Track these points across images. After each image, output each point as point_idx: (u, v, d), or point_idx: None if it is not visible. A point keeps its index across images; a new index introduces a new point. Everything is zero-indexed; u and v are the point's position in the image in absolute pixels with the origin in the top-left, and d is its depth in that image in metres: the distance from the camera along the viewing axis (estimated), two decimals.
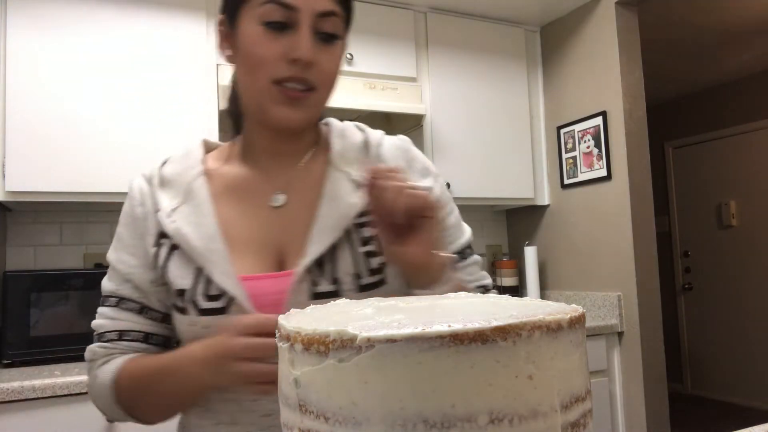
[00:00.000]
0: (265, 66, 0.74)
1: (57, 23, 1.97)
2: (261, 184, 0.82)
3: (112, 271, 0.83)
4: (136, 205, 0.82)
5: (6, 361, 1.85)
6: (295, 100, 0.75)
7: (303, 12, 0.73)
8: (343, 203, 0.78)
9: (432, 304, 0.44)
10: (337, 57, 0.78)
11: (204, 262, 0.75)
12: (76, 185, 1.96)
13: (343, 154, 0.83)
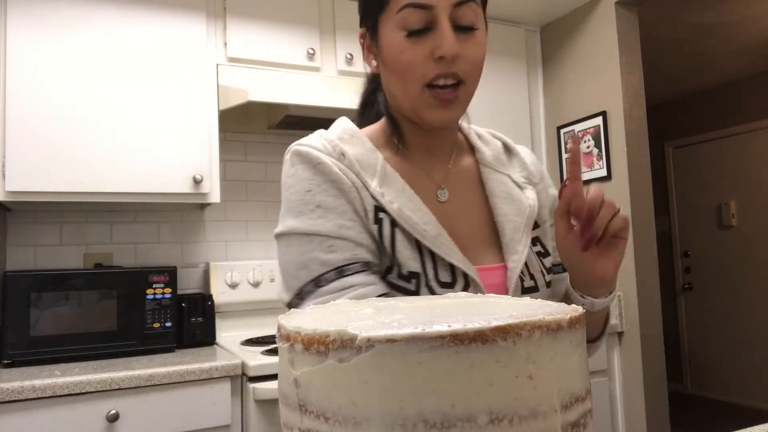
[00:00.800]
0: (414, 71, 0.73)
1: (57, 23, 1.97)
2: (423, 178, 0.82)
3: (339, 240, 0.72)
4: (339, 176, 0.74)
5: (6, 361, 1.85)
6: (448, 101, 0.74)
7: (439, 7, 0.72)
8: (522, 204, 0.82)
9: (432, 304, 0.44)
10: (481, 45, 0.75)
11: (436, 247, 0.73)
12: (76, 185, 1.96)
13: (496, 156, 0.87)
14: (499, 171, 0.85)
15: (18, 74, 1.91)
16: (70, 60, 1.98)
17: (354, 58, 2.41)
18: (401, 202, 0.75)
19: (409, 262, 0.73)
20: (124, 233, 2.37)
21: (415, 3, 0.71)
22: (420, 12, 0.72)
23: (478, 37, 0.75)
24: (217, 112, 2.18)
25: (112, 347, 1.95)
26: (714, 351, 4.84)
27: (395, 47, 0.74)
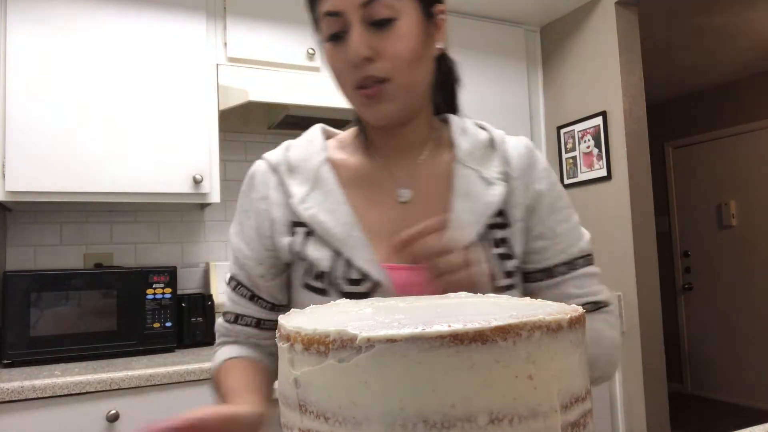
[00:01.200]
0: (341, 77, 0.76)
1: (57, 23, 1.97)
2: (384, 178, 0.82)
3: (233, 253, 0.84)
4: (259, 198, 0.82)
5: (6, 361, 1.85)
6: (371, 99, 0.74)
7: (348, 12, 0.72)
8: (480, 201, 0.77)
9: (432, 304, 0.44)
10: (403, 36, 0.73)
11: (344, 247, 0.75)
12: (76, 185, 1.96)
13: (471, 151, 0.82)
14: (468, 166, 0.80)
15: (18, 74, 1.91)
16: (70, 60, 1.98)
17: None
18: (320, 206, 0.78)
19: (320, 262, 0.77)
20: (124, 233, 2.37)
21: (327, 12, 0.73)
22: (333, 19, 0.73)
23: (400, 28, 0.72)
24: (217, 112, 2.18)
25: (112, 347, 1.95)
26: (714, 351, 4.84)
27: (326, 54, 0.77)
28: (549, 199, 0.81)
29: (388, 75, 0.73)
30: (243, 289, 0.83)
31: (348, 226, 0.76)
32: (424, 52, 0.76)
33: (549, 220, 0.81)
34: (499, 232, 0.78)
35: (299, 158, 0.82)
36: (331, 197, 0.78)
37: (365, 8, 0.71)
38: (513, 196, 0.80)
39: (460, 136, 0.84)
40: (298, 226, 0.79)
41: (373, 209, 0.80)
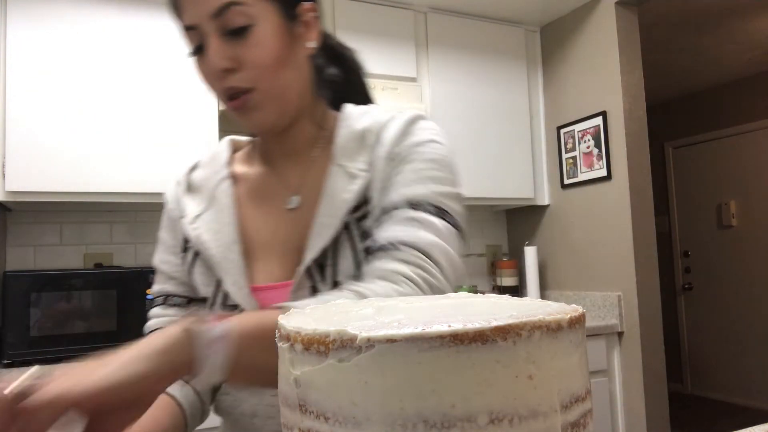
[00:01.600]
0: (211, 87, 0.74)
1: (57, 23, 1.97)
2: (278, 186, 0.81)
3: (158, 273, 0.84)
4: (172, 209, 0.84)
5: (6, 361, 1.85)
6: (240, 108, 0.73)
7: (202, 24, 0.70)
8: (338, 199, 0.73)
9: (432, 304, 0.44)
10: (260, 43, 0.70)
11: (220, 272, 0.75)
12: (76, 185, 1.96)
13: (343, 145, 0.78)
14: (338, 163, 0.76)
15: (18, 73, 1.92)
16: (70, 60, 1.98)
17: None
18: (207, 226, 0.77)
19: (201, 287, 0.77)
20: (124, 233, 2.37)
21: (185, 26, 0.72)
22: (191, 32, 0.72)
23: (257, 35, 0.70)
24: (217, 112, 2.18)
25: (112, 347, 1.94)
26: (714, 351, 4.84)
27: (195, 66, 0.75)
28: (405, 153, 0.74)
29: (251, 84, 0.71)
30: (175, 298, 0.81)
31: (226, 248, 0.75)
32: (289, 55, 0.73)
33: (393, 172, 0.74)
34: (365, 222, 0.73)
35: (202, 177, 0.83)
36: (221, 216, 0.78)
37: (218, 18, 0.69)
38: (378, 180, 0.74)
39: (341, 130, 0.79)
40: (189, 242, 0.79)
41: (263, 221, 0.78)
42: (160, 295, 0.82)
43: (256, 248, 0.77)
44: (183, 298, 0.81)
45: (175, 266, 0.82)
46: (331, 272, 0.72)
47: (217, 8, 0.68)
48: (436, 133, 0.78)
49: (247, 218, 0.79)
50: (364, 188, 0.74)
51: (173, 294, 0.81)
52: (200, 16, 0.69)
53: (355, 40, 2.42)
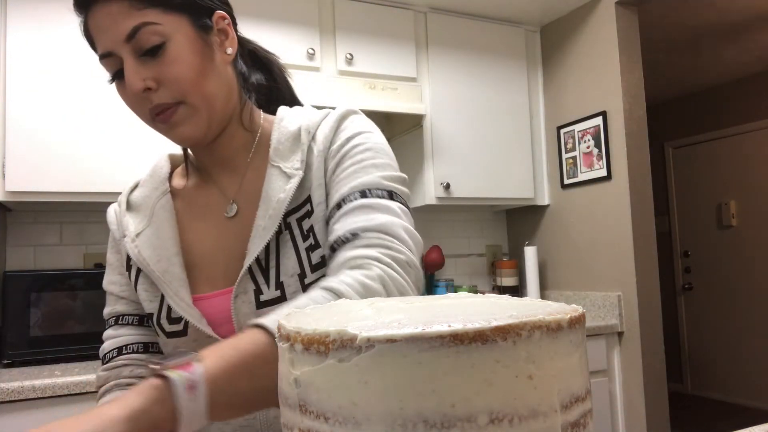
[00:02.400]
0: (136, 111, 0.74)
1: (57, 23, 1.97)
2: (216, 196, 0.81)
3: (108, 296, 0.84)
4: (115, 230, 0.84)
5: (6, 361, 1.85)
6: (168, 122, 0.73)
7: (116, 49, 0.71)
8: (274, 200, 0.74)
9: (432, 304, 0.44)
10: (176, 59, 0.70)
11: (162, 286, 0.75)
12: (76, 185, 1.96)
13: (277, 147, 0.78)
14: (274, 164, 0.76)
15: (18, 73, 1.92)
16: (70, 60, 1.98)
17: (354, 58, 2.41)
18: (148, 242, 0.78)
19: (146, 303, 0.78)
20: None
21: (100, 54, 0.73)
22: (108, 59, 0.73)
23: (172, 52, 0.70)
24: None
25: None
26: (714, 351, 4.84)
27: (117, 92, 0.75)
28: (339, 154, 0.75)
29: (176, 99, 0.71)
30: (126, 317, 0.82)
31: (167, 262, 0.76)
32: (208, 65, 0.73)
33: (335, 175, 0.75)
34: (306, 222, 0.74)
35: (141, 196, 0.84)
36: (161, 232, 0.78)
37: (132, 41, 0.69)
38: (314, 179, 0.75)
39: (275, 132, 0.79)
40: (132, 261, 0.80)
41: (204, 232, 0.79)
42: (112, 316, 0.83)
43: (199, 260, 0.78)
44: (134, 316, 0.82)
45: (122, 286, 0.82)
46: (274, 273, 0.72)
47: (130, 31, 0.69)
48: (365, 125, 0.79)
49: (189, 231, 0.80)
50: (300, 187, 0.75)
51: (124, 314, 0.82)
52: (113, 41, 0.70)
53: (355, 40, 2.43)
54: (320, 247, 0.73)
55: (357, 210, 0.70)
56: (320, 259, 0.73)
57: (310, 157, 0.76)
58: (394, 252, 0.68)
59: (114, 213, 0.85)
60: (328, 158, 0.76)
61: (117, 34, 0.69)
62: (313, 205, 0.75)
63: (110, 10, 0.69)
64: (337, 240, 0.70)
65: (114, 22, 0.69)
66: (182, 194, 0.83)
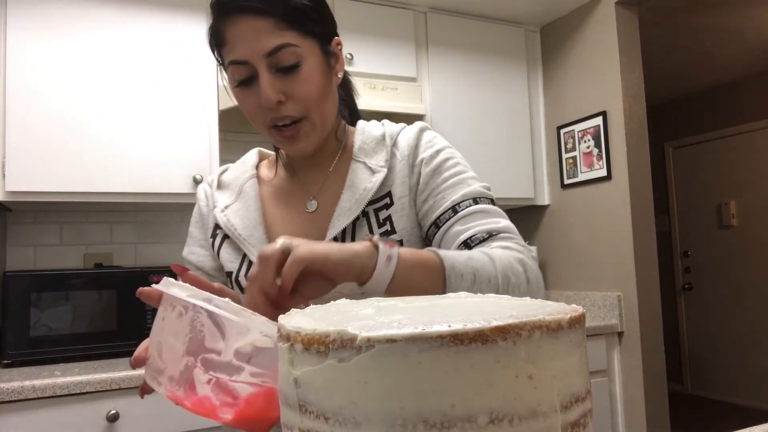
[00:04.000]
0: (254, 118, 0.83)
1: (57, 23, 1.97)
2: (299, 192, 0.91)
3: (187, 264, 0.95)
4: (203, 205, 0.96)
5: (6, 361, 1.85)
6: (291, 137, 0.82)
7: (254, 60, 0.77)
8: (359, 188, 0.85)
9: (432, 304, 0.44)
10: (308, 80, 0.79)
11: (246, 246, 0.86)
12: (76, 185, 1.96)
13: (362, 146, 0.90)
14: (359, 160, 0.88)
15: (18, 74, 1.92)
16: (70, 60, 1.98)
17: (354, 58, 2.41)
18: (236, 213, 0.90)
19: (227, 263, 0.89)
20: (124, 233, 2.37)
21: (233, 60, 0.79)
22: (240, 66, 0.79)
23: (305, 72, 0.79)
24: (217, 112, 2.18)
25: (112, 347, 1.95)
26: (714, 351, 4.84)
27: (237, 97, 0.83)
28: (432, 164, 0.87)
29: (302, 114, 0.81)
30: None
31: (252, 228, 0.87)
32: (329, 86, 0.84)
33: (432, 181, 0.86)
34: (384, 212, 0.85)
35: (231, 177, 0.96)
36: (248, 206, 0.90)
37: (271, 57, 0.77)
38: (397, 178, 0.87)
39: (359, 137, 0.91)
40: (218, 229, 0.92)
41: (284, 219, 0.89)
42: None
43: (275, 236, 0.85)
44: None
45: (201, 257, 0.94)
46: None
47: (273, 48, 0.77)
48: (445, 140, 0.92)
49: (270, 215, 0.90)
50: (382, 183, 0.86)
51: None
52: (254, 53, 0.77)
53: (355, 40, 2.43)
54: (396, 233, 0.84)
55: (477, 214, 0.82)
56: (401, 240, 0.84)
57: (393, 160, 0.88)
58: (526, 248, 0.81)
59: (203, 190, 0.97)
60: (417, 165, 0.87)
61: (259, 48, 0.77)
62: (393, 199, 0.86)
63: (256, 25, 0.77)
64: (473, 238, 0.80)
65: (257, 36, 0.77)
66: (267, 183, 0.94)
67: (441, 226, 0.83)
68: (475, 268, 0.72)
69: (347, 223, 0.83)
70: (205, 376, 0.53)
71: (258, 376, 0.52)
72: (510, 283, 0.74)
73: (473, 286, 0.71)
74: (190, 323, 0.54)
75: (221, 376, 0.52)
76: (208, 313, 0.52)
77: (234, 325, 0.52)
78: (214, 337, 0.53)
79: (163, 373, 0.56)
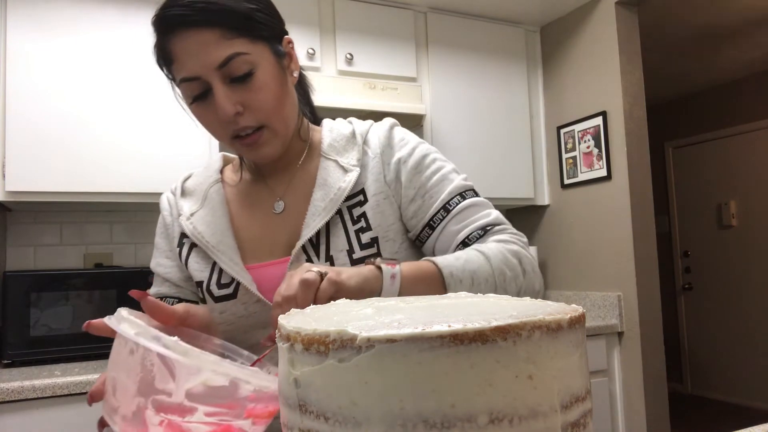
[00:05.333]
0: (214, 132, 0.82)
1: (57, 23, 1.97)
2: (265, 193, 0.90)
3: (156, 276, 0.94)
4: (166, 215, 0.94)
5: (6, 361, 1.85)
6: (253, 144, 0.80)
7: (205, 75, 0.75)
8: (333, 188, 0.84)
9: (432, 304, 0.44)
10: (264, 87, 0.77)
11: (215, 254, 0.84)
12: (76, 185, 1.96)
13: (332, 144, 0.89)
14: (329, 158, 0.87)
15: (18, 74, 1.91)
16: (70, 60, 1.98)
17: (354, 58, 2.41)
18: (202, 220, 0.88)
19: (196, 273, 0.87)
20: (124, 233, 2.37)
21: (184, 78, 0.77)
22: (191, 83, 0.77)
23: (259, 79, 0.77)
24: None
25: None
26: (714, 351, 4.84)
27: (194, 114, 0.82)
28: (411, 162, 0.87)
29: (262, 122, 0.79)
30: (169, 299, 0.90)
31: (220, 234, 0.85)
32: (284, 89, 0.81)
33: (416, 180, 0.86)
34: (358, 209, 0.84)
35: (195, 183, 0.94)
36: (214, 212, 0.88)
37: (222, 68, 0.75)
38: (371, 175, 0.86)
39: (327, 134, 0.91)
40: (185, 238, 0.89)
41: (252, 222, 0.88)
42: (157, 296, 0.90)
43: (246, 244, 0.86)
44: (175, 299, 0.90)
45: (167, 268, 0.92)
46: (324, 248, 0.82)
47: (223, 60, 0.74)
48: (415, 136, 0.92)
49: (237, 218, 0.89)
50: (359, 180, 0.85)
51: (167, 296, 0.90)
52: (203, 67, 0.75)
53: (355, 40, 2.43)
54: (371, 230, 0.83)
55: (468, 210, 0.85)
56: (369, 240, 0.83)
57: (365, 158, 0.87)
58: (518, 236, 0.85)
59: (167, 199, 0.94)
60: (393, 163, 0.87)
61: (208, 62, 0.74)
62: (367, 196, 0.85)
63: (202, 38, 0.74)
64: (470, 237, 0.83)
65: (205, 49, 0.74)
66: (233, 186, 0.93)
67: (435, 227, 0.85)
68: (472, 270, 0.76)
69: (323, 222, 0.82)
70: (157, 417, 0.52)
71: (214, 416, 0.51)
72: (506, 277, 0.78)
73: (472, 287, 0.75)
74: (141, 362, 0.53)
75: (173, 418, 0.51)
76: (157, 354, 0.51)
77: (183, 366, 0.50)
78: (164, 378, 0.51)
79: (117, 411, 0.55)
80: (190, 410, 0.51)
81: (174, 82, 0.82)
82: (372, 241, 0.83)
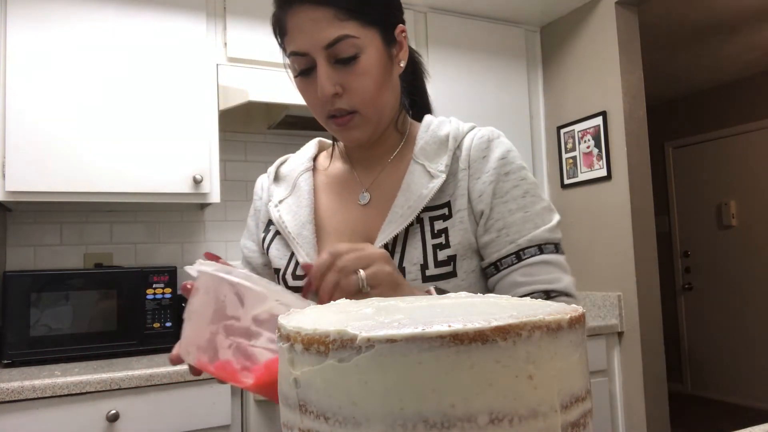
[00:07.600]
0: (313, 108, 0.83)
1: (57, 23, 1.97)
2: (353, 183, 0.90)
3: (243, 255, 0.99)
4: (257, 199, 0.98)
5: (6, 361, 1.85)
6: (344, 126, 0.81)
7: (313, 52, 0.77)
8: (414, 194, 0.81)
9: (432, 304, 0.44)
10: (366, 72, 0.78)
11: (294, 245, 0.86)
12: (76, 185, 1.96)
13: (424, 147, 0.86)
14: (419, 162, 0.85)
15: (18, 74, 1.91)
16: (70, 60, 1.98)
17: None
18: (288, 208, 0.90)
19: (276, 260, 0.89)
20: (124, 233, 2.37)
21: (293, 52, 0.79)
22: (299, 58, 0.79)
23: (364, 63, 0.77)
24: (217, 112, 2.18)
25: (112, 347, 1.95)
26: (714, 351, 4.84)
27: (298, 88, 0.83)
28: (501, 188, 0.81)
29: (356, 108, 0.79)
30: None
31: (301, 226, 0.87)
32: (388, 77, 0.81)
33: (498, 210, 0.81)
34: (440, 223, 0.81)
35: (288, 169, 0.96)
36: (300, 202, 0.89)
37: (329, 49, 0.76)
38: (458, 188, 0.82)
39: (422, 134, 0.88)
40: (271, 224, 0.92)
41: (337, 212, 0.88)
42: None
43: (328, 232, 0.87)
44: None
45: (251, 252, 0.96)
46: (398, 258, 0.80)
47: (331, 40, 0.75)
48: (514, 155, 0.85)
49: (322, 206, 0.90)
50: (441, 190, 0.82)
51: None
52: (312, 44, 0.76)
53: None
54: (449, 248, 0.79)
55: (539, 266, 0.79)
56: (446, 258, 0.79)
57: (455, 165, 0.83)
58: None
59: (261, 184, 0.99)
60: (483, 181, 0.81)
61: (317, 40, 0.76)
62: (452, 211, 0.81)
63: (315, 15, 0.75)
64: (531, 296, 0.77)
65: (316, 27, 0.75)
66: (323, 173, 0.94)
67: (501, 269, 0.80)
68: None
69: (398, 230, 0.79)
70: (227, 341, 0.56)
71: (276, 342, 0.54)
72: None
73: None
74: (215, 296, 0.59)
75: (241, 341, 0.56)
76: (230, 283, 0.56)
77: (252, 293, 0.55)
78: (235, 306, 0.57)
79: (193, 343, 0.60)
80: (256, 334, 0.56)
81: (285, 53, 0.83)
82: (449, 259, 0.79)
